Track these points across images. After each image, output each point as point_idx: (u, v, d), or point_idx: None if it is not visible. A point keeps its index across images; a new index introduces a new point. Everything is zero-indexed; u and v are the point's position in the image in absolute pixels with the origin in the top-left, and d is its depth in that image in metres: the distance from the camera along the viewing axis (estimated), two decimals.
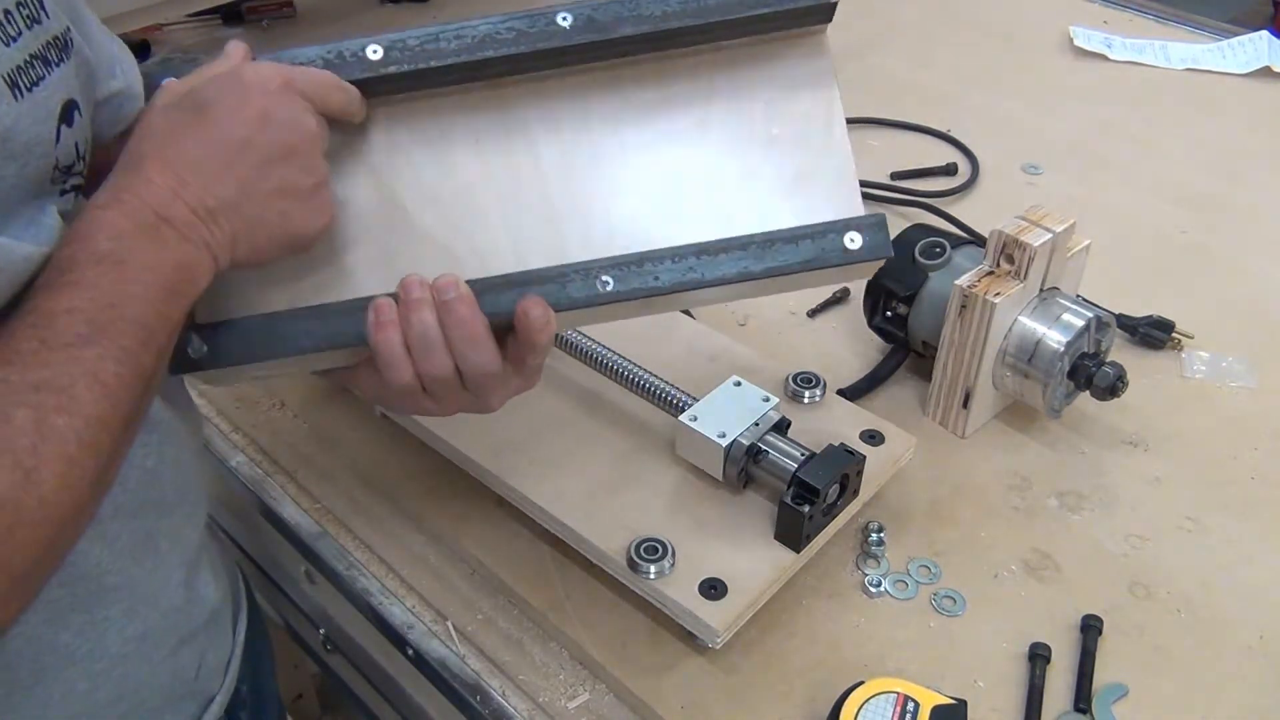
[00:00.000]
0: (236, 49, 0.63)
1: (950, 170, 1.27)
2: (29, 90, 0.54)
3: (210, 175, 0.56)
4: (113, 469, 0.53)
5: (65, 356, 0.49)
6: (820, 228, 0.65)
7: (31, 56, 0.54)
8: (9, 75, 0.53)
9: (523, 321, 0.61)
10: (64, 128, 0.57)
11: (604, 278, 0.63)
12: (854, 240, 0.65)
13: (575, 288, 0.63)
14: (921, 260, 0.92)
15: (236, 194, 0.56)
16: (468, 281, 0.61)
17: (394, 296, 0.61)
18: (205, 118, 0.57)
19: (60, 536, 0.50)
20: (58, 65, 0.56)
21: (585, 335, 0.87)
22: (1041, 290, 0.88)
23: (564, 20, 0.63)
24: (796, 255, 0.65)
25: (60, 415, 0.48)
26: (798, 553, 0.75)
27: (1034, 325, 0.87)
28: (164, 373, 0.57)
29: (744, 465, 0.77)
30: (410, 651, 0.79)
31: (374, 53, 0.65)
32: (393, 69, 0.65)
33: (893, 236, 0.96)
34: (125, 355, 0.51)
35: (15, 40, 0.53)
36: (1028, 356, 0.87)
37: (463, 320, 0.60)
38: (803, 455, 0.76)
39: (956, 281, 0.86)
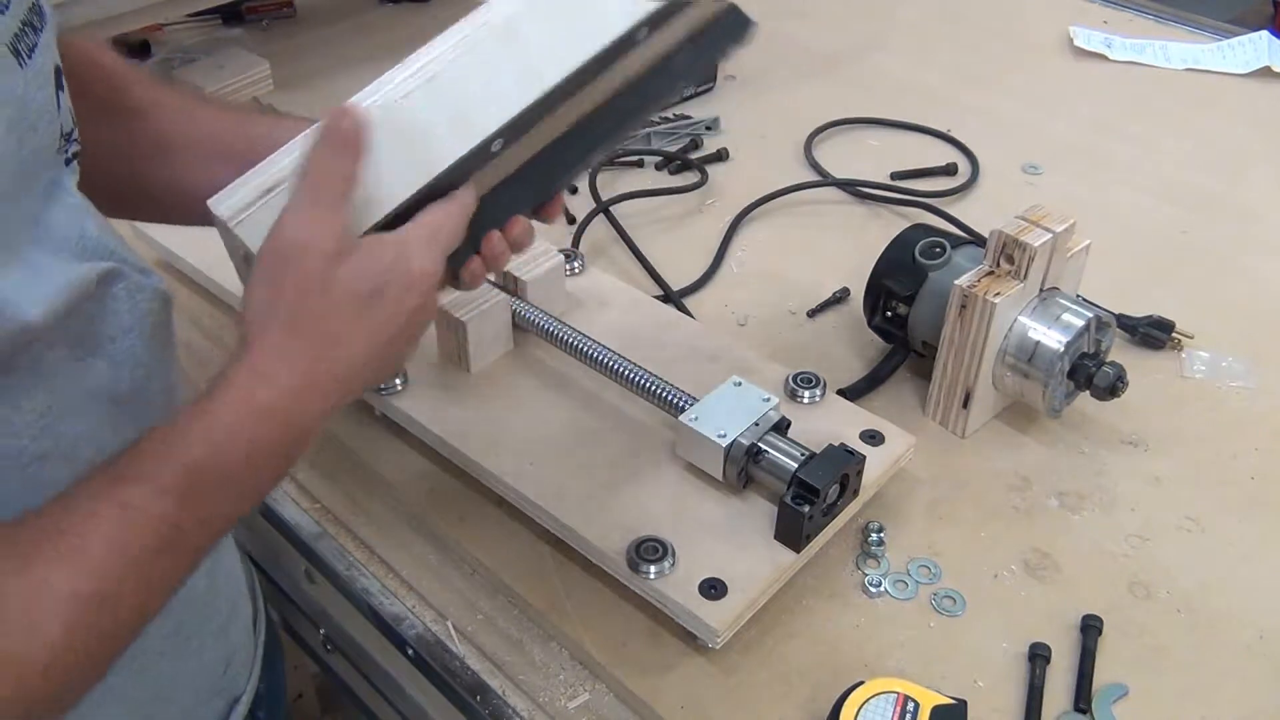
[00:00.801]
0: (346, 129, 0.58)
1: (950, 170, 1.27)
2: (29, 58, 0.53)
3: (356, 361, 0.57)
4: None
5: (133, 570, 0.50)
6: None
7: (23, 24, 0.53)
8: (11, 43, 0.51)
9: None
10: (60, 93, 0.56)
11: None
12: None
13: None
14: (921, 260, 0.92)
15: (371, 375, 0.59)
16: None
17: None
18: (368, 313, 0.56)
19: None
20: (41, 31, 0.55)
21: (585, 335, 0.87)
22: (1041, 290, 0.88)
23: None
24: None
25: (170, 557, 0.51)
26: (798, 553, 0.75)
27: (1034, 325, 0.87)
28: None
29: (744, 465, 0.77)
30: (410, 651, 0.79)
31: None
32: None
33: (893, 237, 0.97)
34: (193, 562, 0.54)
35: (7, 9, 0.52)
36: (1028, 356, 0.87)
37: None
38: (803, 455, 0.76)
39: (956, 281, 0.86)
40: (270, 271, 0.56)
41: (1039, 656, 0.74)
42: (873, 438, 0.83)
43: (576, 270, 1.00)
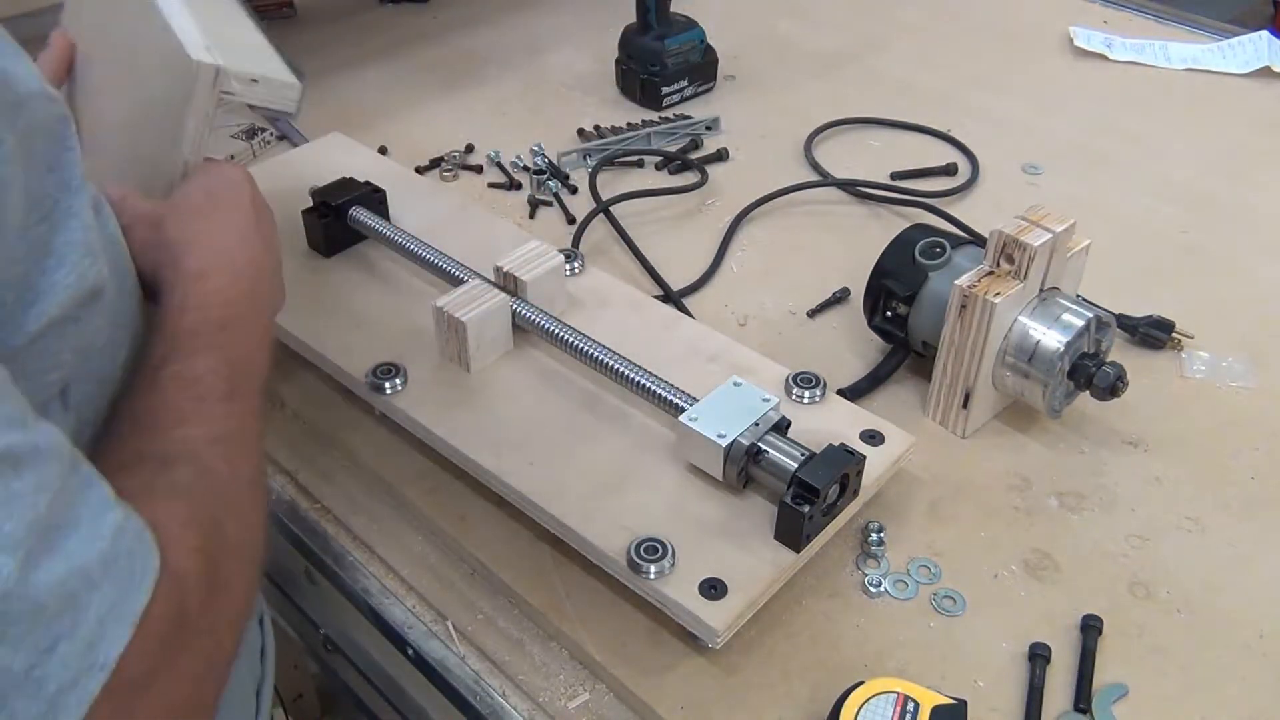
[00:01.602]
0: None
1: (950, 170, 1.27)
2: None
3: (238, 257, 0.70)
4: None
5: (224, 411, 0.57)
6: None
7: None
8: None
9: None
10: None
11: None
12: None
13: None
14: (921, 260, 0.92)
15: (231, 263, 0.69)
16: None
17: None
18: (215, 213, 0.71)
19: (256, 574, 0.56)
20: None
21: (585, 335, 0.87)
22: (1041, 290, 0.88)
23: None
24: None
25: (243, 463, 0.55)
26: (798, 553, 0.75)
27: (1034, 325, 0.87)
28: None
29: (744, 465, 0.77)
30: (410, 651, 0.79)
31: None
32: None
33: (893, 237, 0.97)
34: (256, 408, 0.61)
35: None
36: (1028, 356, 0.87)
37: None
38: (803, 455, 0.76)
39: (956, 281, 0.86)
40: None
41: (1039, 656, 0.74)
42: (873, 438, 0.83)
43: (576, 270, 1.00)
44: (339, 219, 1.01)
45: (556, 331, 0.88)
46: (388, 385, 0.87)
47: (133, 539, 0.46)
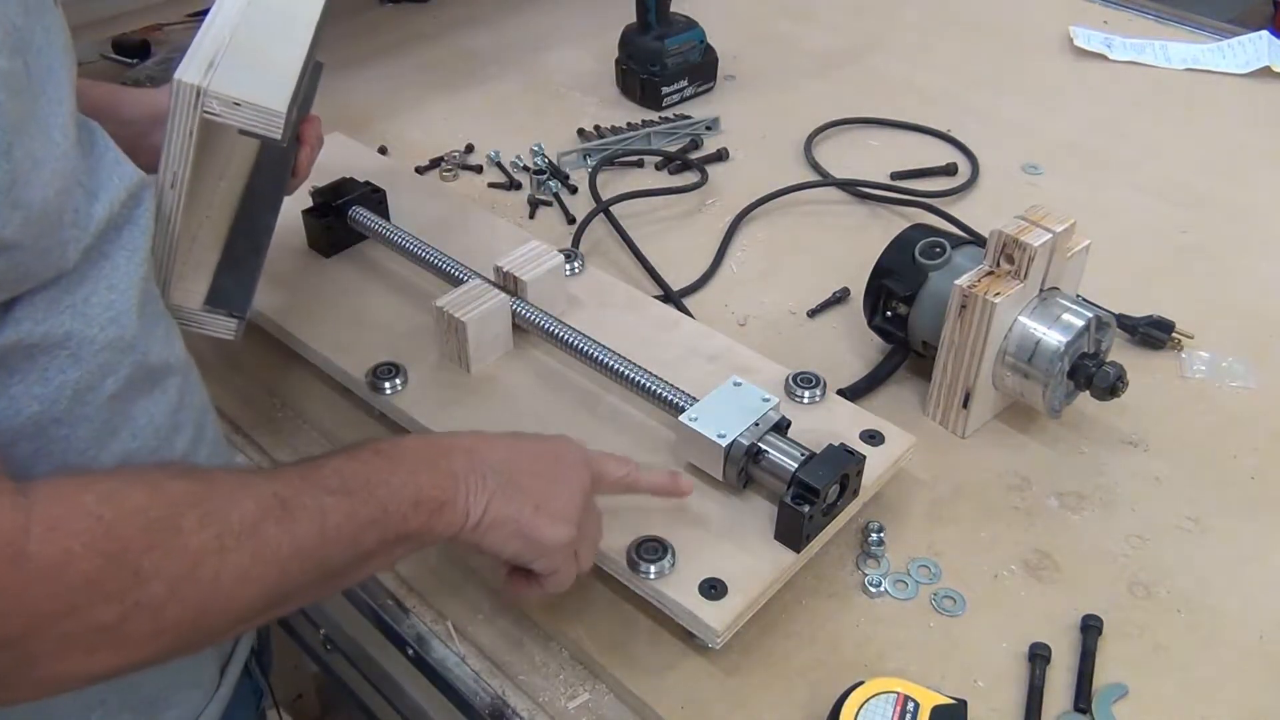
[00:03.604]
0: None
1: (950, 170, 1.27)
2: None
3: (497, 455, 0.67)
4: (286, 603, 0.58)
5: (310, 489, 0.57)
6: None
7: None
8: None
9: None
10: None
11: None
12: None
13: None
14: (921, 260, 0.92)
15: (506, 469, 0.66)
16: None
17: None
18: (514, 443, 0.69)
19: (208, 620, 0.53)
20: None
21: (585, 335, 0.87)
22: (1041, 290, 0.88)
23: None
24: None
25: (274, 524, 0.55)
26: (798, 553, 0.75)
27: (1034, 325, 0.87)
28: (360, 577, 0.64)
29: (744, 465, 0.77)
30: (410, 651, 0.79)
31: None
32: None
33: (893, 237, 0.97)
34: (354, 517, 0.58)
35: None
36: (1028, 356, 0.87)
37: None
38: (803, 455, 0.76)
39: (956, 281, 0.86)
40: (534, 445, 0.70)
41: (1039, 656, 0.74)
42: (873, 438, 0.83)
43: (576, 270, 1.00)
44: (339, 219, 1.01)
45: (556, 331, 0.88)
46: (388, 385, 0.87)
47: None
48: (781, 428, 0.80)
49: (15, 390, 0.55)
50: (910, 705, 0.68)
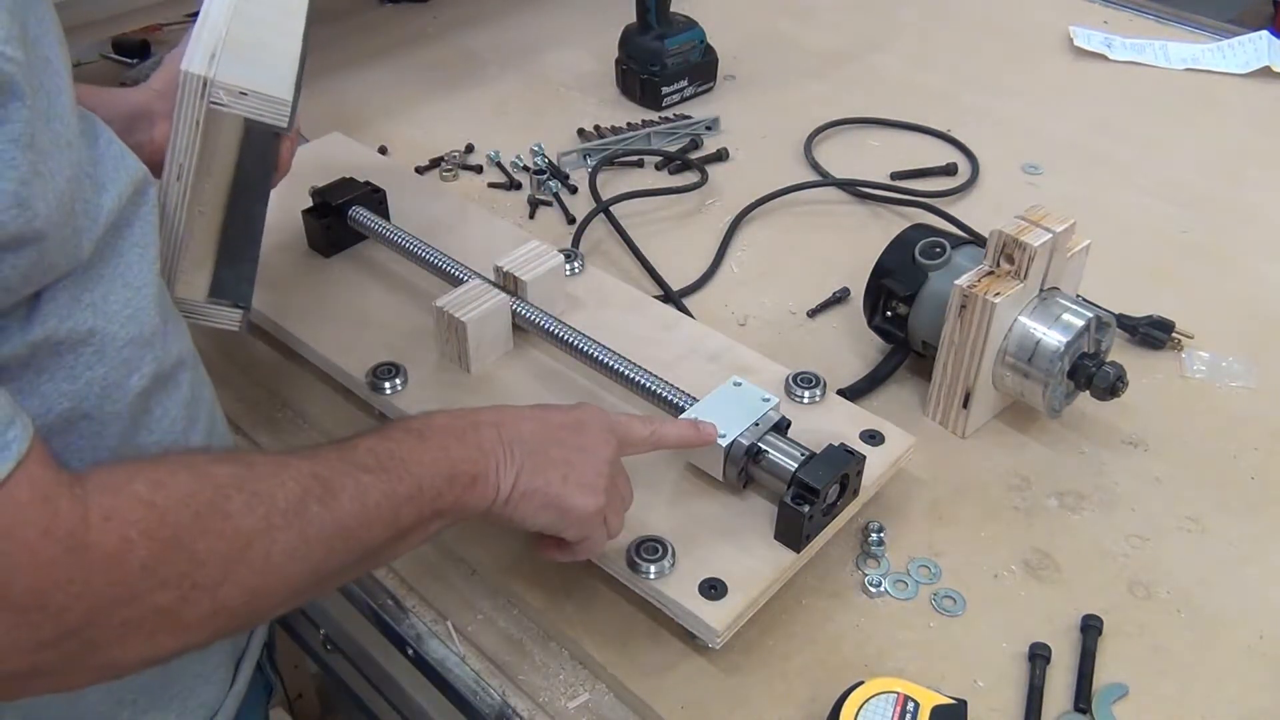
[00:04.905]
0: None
1: (950, 170, 1.27)
2: None
3: (523, 427, 0.68)
4: (328, 583, 0.59)
5: (347, 469, 0.58)
6: None
7: None
8: None
9: None
10: None
11: None
12: None
13: None
14: (921, 260, 0.92)
15: (533, 441, 0.67)
16: None
17: None
18: (539, 414, 0.70)
19: (259, 600, 0.55)
20: None
21: (585, 335, 0.87)
22: (1041, 290, 0.88)
23: None
24: None
25: (317, 504, 0.56)
26: (798, 553, 0.75)
27: (1034, 325, 0.87)
28: (400, 553, 0.65)
29: (744, 465, 0.77)
30: (410, 651, 0.79)
31: None
32: None
33: (893, 237, 0.97)
34: (392, 495, 0.59)
35: None
36: (1028, 356, 0.87)
37: None
38: (803, 455, 0.76)
39: (956, 281, 0.86)
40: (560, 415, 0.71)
41: (1039, 656, 0.74)
42: (873, 438, 0.83)
43: (576, 270, 1.00)
44: (339, 219, 1.01)
45: (556, 331, 0.88)
46: (388, 385, 0.87)
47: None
48: (781, 428, 0.80)
49: (46, 388, 0.56)
50: (910, 705, 0.68)
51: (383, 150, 1.29)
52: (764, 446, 0.77)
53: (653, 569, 0.73)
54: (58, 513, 0.48)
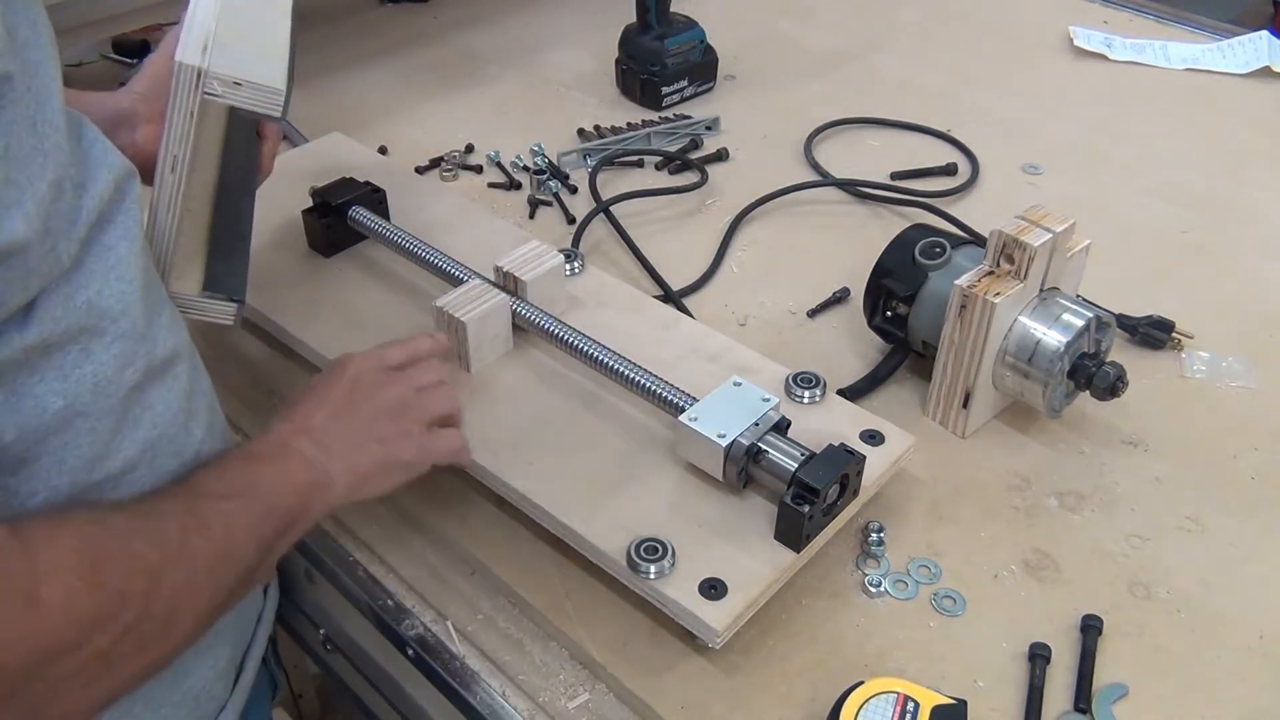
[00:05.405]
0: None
1: (950, 170, 1.27)
2: None
3: (318, 420, 0.72)
4: (217, 612, 0.62)
5: (208, 501, 0.62)
6: None
7: None
8: None
9: None
10: None
11: None
12: None
13: None
14: (921, 260, 0.92)
15: (333, 428, 0.71)
16: None
17: None
18: (320, 399, 0.73)
19: (171, 634, 0.58)
20: None
21: (585, 335, 0.87)
22: (1041, 290, 0.88)
23: None
24: None
25: (197, 536, 0.59)
26: (798, 553, 0.75)
27: (1034, 325, 0.87)
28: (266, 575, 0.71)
29: (744, 465, 0.77)
30: (410, 651, 0.79)
31: None
32: None
33: (893, 237, 0.97)
34: (251, 516, 0.63)
35: None
36: (1028, 356, 0.87)
37: None
38: (803, 455, 0.76)
39: (956, 281, 0.86)
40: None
41: (1039, 656, 0.74)
42: (873, 438, 0.83)
43: (576, 270, 1.00)
44: (339, 219, 1.01)
45: (556, 331, 0.88)
46: None
47: None
48: (781, 428, 0.80)
49: (39, 390, 0.57)
50: (910, 705, 0.68)
51: (383, 150, 1.29)
52: (764, 446, 0.77)
53: (653, 569, 0.73)
54: (11, 570, 0.49)
